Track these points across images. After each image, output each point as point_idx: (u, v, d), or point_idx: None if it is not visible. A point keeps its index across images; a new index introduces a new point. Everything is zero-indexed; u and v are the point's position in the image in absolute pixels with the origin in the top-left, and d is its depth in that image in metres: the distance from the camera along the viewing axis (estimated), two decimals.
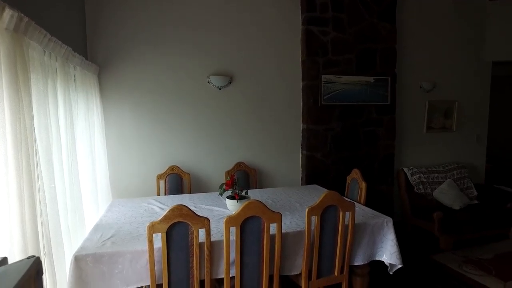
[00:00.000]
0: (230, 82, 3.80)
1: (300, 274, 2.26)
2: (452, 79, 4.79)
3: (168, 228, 1.90)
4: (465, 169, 4.76)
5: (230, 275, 2.06)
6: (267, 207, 1.98)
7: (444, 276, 3.23)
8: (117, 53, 3.47)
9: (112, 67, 3.47)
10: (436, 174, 4.51)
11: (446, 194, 4.25)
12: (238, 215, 1.94)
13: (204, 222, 1.93)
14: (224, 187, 2.63)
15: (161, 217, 1.89)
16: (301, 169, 3.99)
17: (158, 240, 1.91)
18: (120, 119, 3.54)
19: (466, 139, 5.06)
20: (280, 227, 2.02)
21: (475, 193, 4.57)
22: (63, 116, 2.25)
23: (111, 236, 2.17)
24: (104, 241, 2.10)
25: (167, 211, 1.89)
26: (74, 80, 2.58)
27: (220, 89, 3.78)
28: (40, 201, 1.69)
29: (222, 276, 2.07)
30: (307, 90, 3.87)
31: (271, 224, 2.02)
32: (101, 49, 3.43)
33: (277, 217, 1.99)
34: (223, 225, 1.95)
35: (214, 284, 2.32)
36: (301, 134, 3.98)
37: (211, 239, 2.04)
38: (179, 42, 3.64)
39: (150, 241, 1.89)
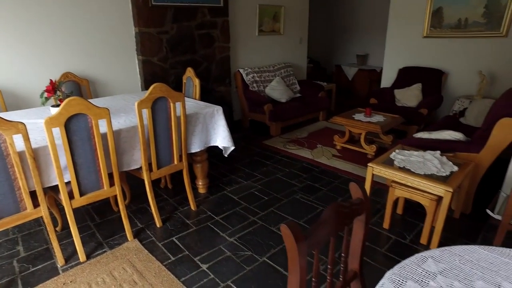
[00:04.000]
0: None
1: (141, 167, 2.38)
2: None
3: None
4: (291, 68, 5.50)
5: (65, 180, 2.01)
6: (92, 103, 1.92)
7: (272, 154, 3.92)
8: None
9: None
10: (267, 73, 5.08)
11: (276, 90, 4.90)
12: (59, 114, 1.82)
13: (18, 126, 1.75)
14: (45, 94, 2.37)
15: None
16: (139, 75, 3.86)
17: None
18: None
19: (292, 42, 5.74)
20: (109, 122, 2.01)
21: (298, 88, 5.41)
22: None
23: None
24: None
25: None
26: None
27: None
28: None
29: (57, 183, 2.00)
30: None
31: (100, 121, 1.99)
32: None
33: (105, 112, 1.97)
34: (44, 128, 1.81)
35: (50, 194, 2.22)
36: (135, 38, 3.75)
37: (36, 146, 1.89)
38: None
39: None
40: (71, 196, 2.07)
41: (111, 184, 2.22)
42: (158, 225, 2.54)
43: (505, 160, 2.51)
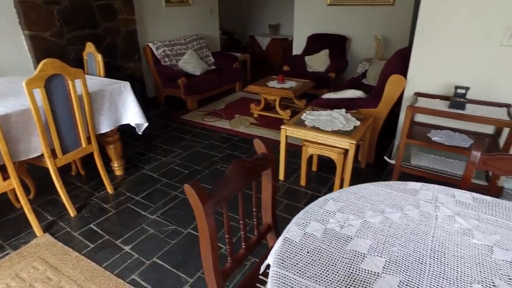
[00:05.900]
0: None
1: (43, 154, 2.15)
2: None
3: None
4: (203, 40, 5.37)
5: None
6: None
7: (190, 128, 3.85)
8: None
9: None
10: (179, 46, 4.89)
11: (189, 63, 4.76)
12: None
13: None
14: None
15: None
16: (28, 53, 3.38)
17: None
18: None
19: (202, 13, 5.57)
20: None
21: (212, 59, 5.33)
22: None
23: None
24: None
25: None
26: None
27: None
28: None
29: None
30: None
31: None
32: None
33: None
34: None
35: None
36: (15, 9, 3.22)
37: None
38: None
39: None
40: None
41: (5, 177, 1.97)
42: (72, 215, 2.35)
43: (398, 114, 2.83)
